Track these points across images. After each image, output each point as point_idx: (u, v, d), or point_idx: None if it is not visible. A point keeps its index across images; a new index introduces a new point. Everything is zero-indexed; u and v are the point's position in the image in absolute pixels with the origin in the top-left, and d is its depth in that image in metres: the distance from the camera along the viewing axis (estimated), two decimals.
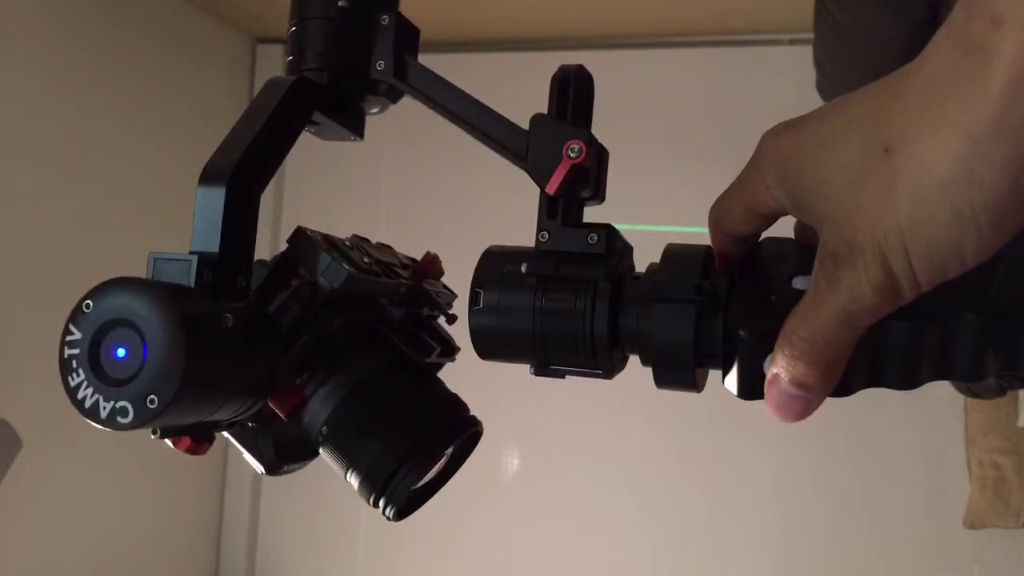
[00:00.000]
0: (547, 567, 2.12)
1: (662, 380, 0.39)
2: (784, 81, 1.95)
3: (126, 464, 1.88)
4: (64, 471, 1.75)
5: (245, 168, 0.37)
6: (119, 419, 0.34)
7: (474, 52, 2.23)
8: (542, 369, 0.42)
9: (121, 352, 0.34)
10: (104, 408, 0.34)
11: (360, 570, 2.23)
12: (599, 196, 0.42)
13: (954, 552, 1.85)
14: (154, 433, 0.36)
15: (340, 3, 0.41)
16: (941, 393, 1.74)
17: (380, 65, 0.42)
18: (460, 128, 0.43)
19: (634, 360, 0.41)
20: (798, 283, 0.36)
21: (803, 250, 0.39)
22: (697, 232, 0.42)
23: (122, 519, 1.95)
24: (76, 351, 0.34)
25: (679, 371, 0.38)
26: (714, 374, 0.39)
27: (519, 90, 2.51)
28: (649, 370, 0.39)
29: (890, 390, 0.35)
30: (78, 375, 0.34)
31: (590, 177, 0.41)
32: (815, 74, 1.55)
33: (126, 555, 1.96)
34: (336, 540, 2.24)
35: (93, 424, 0.34)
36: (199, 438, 0.38)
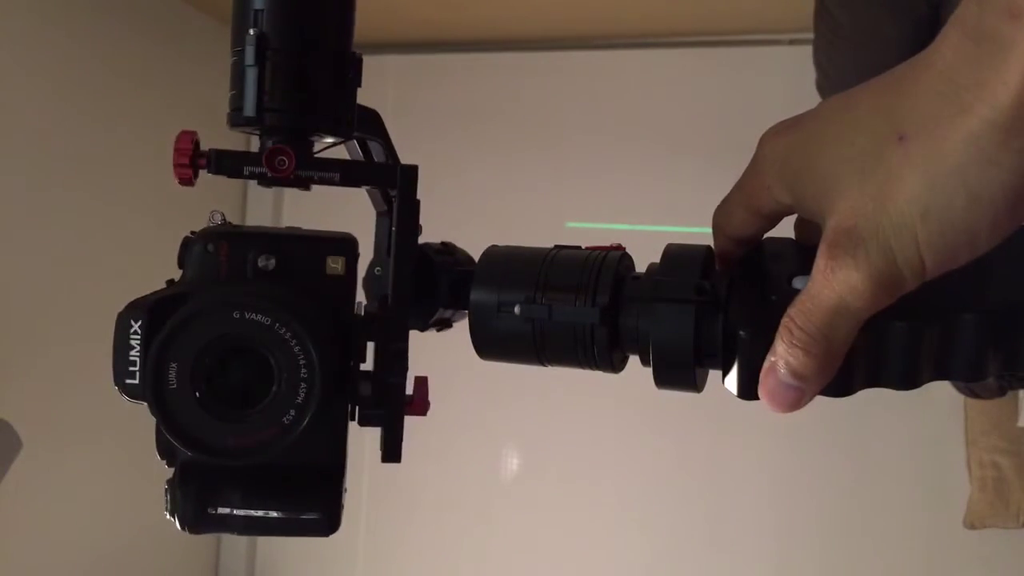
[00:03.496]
0: (547, 568, 2.12)
1: (662, 380, 0.39)
2: (784, 81, 1.94)
3: (126, 464, 1.88)
4: (64, 471, 1.75)
5: None
6: None
7: (474, 52, 2.23)
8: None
9: None
10: None
11: (360, 570, 2.23)
12: None
13: (954, 552, 1.85)
14: None
15: (451, 245, 0.51)
16: (941, 393, 1.74)
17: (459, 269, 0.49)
18: None
19: (634, 360, 0.41)
20: (798, 283, 0.36)
21: (803, 250, 0.39)
22: (697, 232, 0.43)
23: (122, 519, 1.95)
24: None
25: (679, 371, 0.38)
26: (714, 374, 0.39)
27: (519, 90, 2.51)
28: (649, 370, 0.39)
29: (890, 390, 0.36)
30: None
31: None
32: (815, 74, 1.55)
33: (126, 555, 1.96)
34: (336, 540, 2.23)
35: None
36: (195, 160, 0.39)
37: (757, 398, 0.36)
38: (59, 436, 1.72)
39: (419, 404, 0.42)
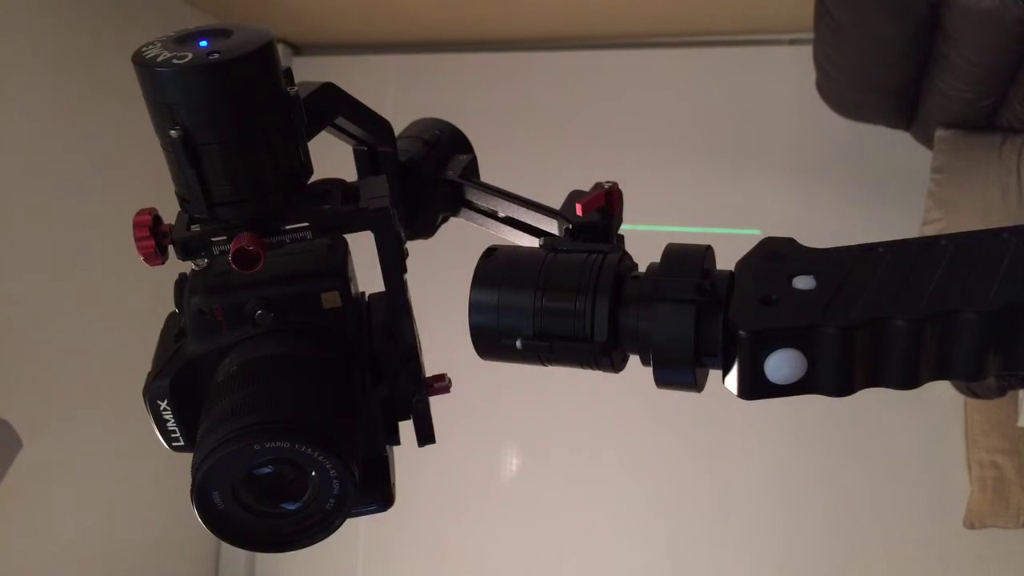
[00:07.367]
0: (547, 567, 2.11)
1: (662, 380, 0.39)
2: (784, 81, 1.94)
3: (126, 464, 1.88)
4: (64, 471, 1.75)
5: None
6: None
7: (474, 52, 2.23)
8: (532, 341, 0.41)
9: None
10: None
11: (360, 570, 2.23)
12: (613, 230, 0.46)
13: (954, 552, 1.85)
14: None
15: (436, 130, 0.57)
16: (941, 393, 1.74)
17: (450, 172, 0.55)
18: (505, 224, 0.54)
19: (634, 360, 0.41)
20: (798, 283, 0.36)
21: (803, 250, 0.39)
22: (697, 232, 0.43)
23: (122, 519, 1.95)
24: None
25: (679, 371, 0.38)
26: (714, 374, 0.39)
27: (519, 90, 2.50)
28: (649, 370, 0.39)
29: (890, 390, 0.35)
30: None
31: (613, 223, 0.46)
32: (815, 74, 1.55)
33: (126, 555, 1.96)
34: (336, 540, 2.23)
35: None
36: (160, 240, 0.39)
37: (756, 397, 0.36)
38: (59, 436, 1.72)
39: (441, 386, 0.43)
